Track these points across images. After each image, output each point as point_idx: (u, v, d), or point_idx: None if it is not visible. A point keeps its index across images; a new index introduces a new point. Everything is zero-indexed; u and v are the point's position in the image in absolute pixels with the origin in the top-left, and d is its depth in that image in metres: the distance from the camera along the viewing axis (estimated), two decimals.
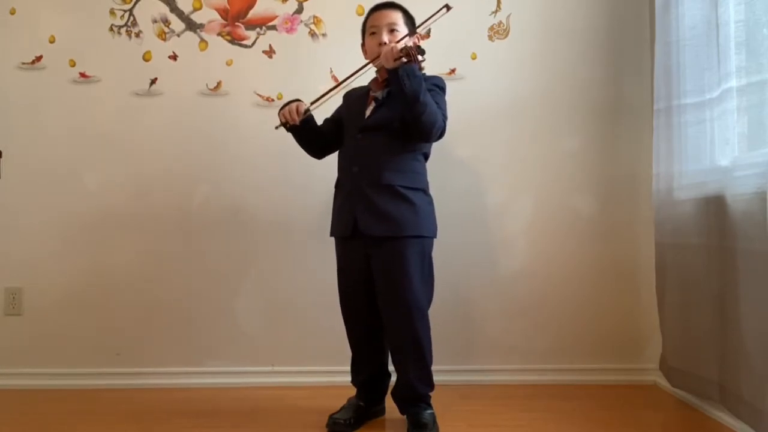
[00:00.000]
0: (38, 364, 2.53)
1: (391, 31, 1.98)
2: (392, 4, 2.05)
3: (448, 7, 1.88)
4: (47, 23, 2.59)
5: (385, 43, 1.94)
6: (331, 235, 2.09)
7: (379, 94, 2.01)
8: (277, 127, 2.03)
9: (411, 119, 1.87)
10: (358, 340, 2.09)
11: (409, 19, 2.04)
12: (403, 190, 1.93)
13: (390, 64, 1.82)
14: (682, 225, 2.13)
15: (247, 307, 2.57)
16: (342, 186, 2.04)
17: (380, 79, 2.00)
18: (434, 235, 2.03)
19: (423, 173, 2.03)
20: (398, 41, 1.93)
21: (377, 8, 2.05)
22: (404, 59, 1.78)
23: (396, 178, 1.93)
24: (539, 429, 2.00)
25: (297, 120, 1.98)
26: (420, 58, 1.78)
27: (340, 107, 2.15)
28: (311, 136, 2.08)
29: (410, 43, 1.77)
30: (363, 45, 2.08)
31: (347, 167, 2.01)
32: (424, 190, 2.01)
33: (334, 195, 2.09)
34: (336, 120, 2.13)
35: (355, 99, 2.09)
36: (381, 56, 1.86)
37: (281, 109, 2.02)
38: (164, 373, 2.53)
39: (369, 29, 2.03)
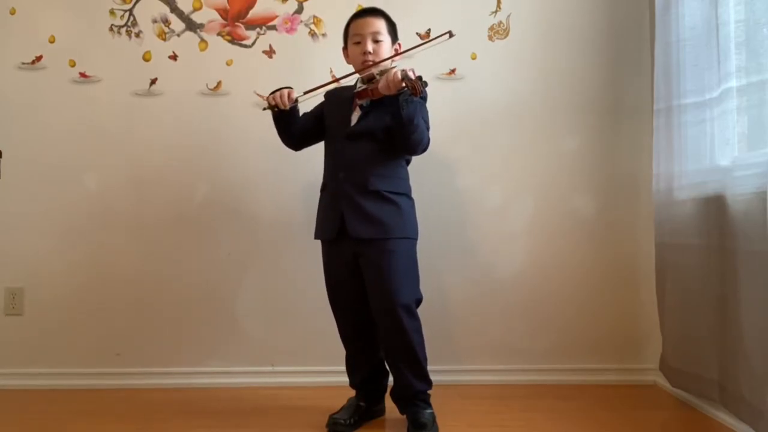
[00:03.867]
0: (38, 364, 2.53)
1: (376, 40, 1.99)
2: (374, 10, 2.06)
3: (450, 34, 1.89)
4: (47, 23, 2.59)
5: (370, 53, 1.98)
6: (316, 238, 2.10)
7: (364, 102, 2.01)
8: (264, 109, 2.05)
9: (401, 138, 1.91)
10: (351, 339, 2.10)
11: (391, 26, 2.05)
12: (389, 195, 1.97)
13: (391, 92, 1.84)
14: (682, 225, 2.13)
15: (247, 307, 2.57)
16: (328, 190, 2.05)
17: (370, 96, 1.95)
18: (417, 237, 2.06)
19: (406, 178, 2.07)
20: (393, 57, 1.97)
21: (360, 15, 2.05)
22: (407, 90, 1.79)
23: (382, 184, 1.96)
24: (539, 429, 2.00)
25: (287, 105, 1.99)
26: (423, 91, 1.80)
27: (321, 104, 2.14)
28: (292, 125, 2.08)
29: (411, 74, 1.78)
30: (345, 49, 2.09)
31: (333, 172, 2.03)
32: (408, 195, 2.04)
33: (319, 198, 2.10)
34: (317, 116, 2.12)
35: (338, 102, 2.08)
36: (382, 82, 1.86)
37: (271, 93, 2.02)
38: (164, 373, 2.53)
39: (353, 37, 2.03)
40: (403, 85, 1.79)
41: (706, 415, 2.10)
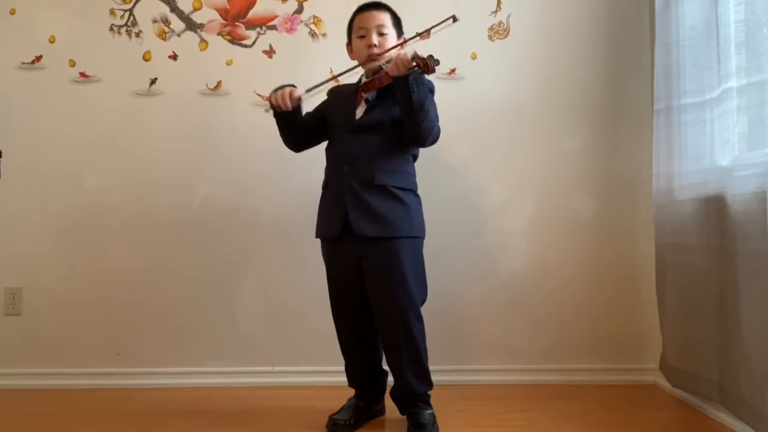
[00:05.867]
0: (38, 364, 2.53)
1: (381, 33, 1.98)
2: (379, 4, 2.04)
3: (454, 18, 1.87)
4: (47, 23, 2.59)
5: (375, 45, 1.95)
6: (317, 236, 2.07)
7: (370, 95, 1.98)
8: (267, 111, 2.02)
9: (411, 125, 1.87)
10: (351, 341, 2.07)
11: (396, 20, 2.04)
12: (396, 191, 1.93)
13: (402, 72, 1.80)
14: (683, 225, 2.13)
15: (247, 307, 2.57)
16: (331, 186, 2.01)
17: (377, 85, 1.93)
18: (424, 236, 2.02)
19: (413, 174, 2.03)
20: (398, 45, 1.94)
21: (364, 8, 2.03)
22: (418, 69, 1.76)
23: (389, 179, 1.92)
24: (539, 429, 2.00)
25: (290, 106, 1.96)
26: (435, 69, 1.77)
27: (324, 103, 2.11)
28: (295, 126, 2.05)
29: (421, 53, 1.77)
30: (348, 44, 2.07)
31: (337, 167, 1.98)
32: (414, 191, 2.01)
33: (321, 195, 2.07)
34: (319, 116, 2.09)
35: (342, 97, 2.05)
36: (392, 63, 1.84)
37: (273, 91, 1.99)
38: (164, 373, 2.53)
39: (357, 31, 2.01)
40: (414, 64, 1.77)
41: (706, 415, 2.10)
